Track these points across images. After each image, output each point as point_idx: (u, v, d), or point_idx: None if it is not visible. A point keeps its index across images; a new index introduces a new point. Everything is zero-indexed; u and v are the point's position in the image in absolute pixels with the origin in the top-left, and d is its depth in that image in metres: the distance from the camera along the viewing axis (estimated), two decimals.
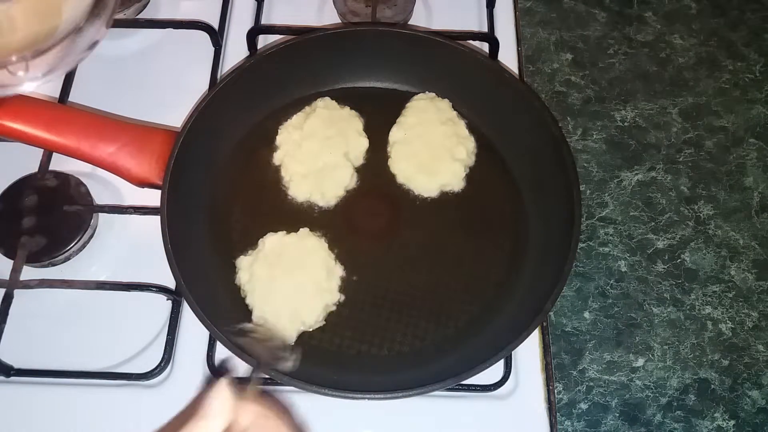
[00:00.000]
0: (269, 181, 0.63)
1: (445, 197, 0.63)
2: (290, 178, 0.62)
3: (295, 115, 0.65)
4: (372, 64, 0.67)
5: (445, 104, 0.66)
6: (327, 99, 0.66)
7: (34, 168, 0.64)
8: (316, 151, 0.63)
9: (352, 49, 0.66)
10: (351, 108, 0.66)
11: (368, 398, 0.52)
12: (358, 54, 0.66)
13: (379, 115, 0.65)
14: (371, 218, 0.63)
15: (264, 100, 0.65)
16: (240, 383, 0.41)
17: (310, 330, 0.57)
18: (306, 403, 0.54)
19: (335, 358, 0.56)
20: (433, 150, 0.64)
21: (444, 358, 0.56)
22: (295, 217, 0.62)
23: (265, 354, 0.48)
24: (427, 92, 0.66)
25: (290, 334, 0.56)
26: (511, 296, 0.59)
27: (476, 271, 0.60)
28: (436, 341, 0.57)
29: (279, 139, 0.64)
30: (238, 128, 0.64)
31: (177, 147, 0.58)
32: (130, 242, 0.64)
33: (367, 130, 0.65)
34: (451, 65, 0.65)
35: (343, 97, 0.66)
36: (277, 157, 0.64)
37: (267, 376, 0.51)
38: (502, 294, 0.59)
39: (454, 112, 0.65)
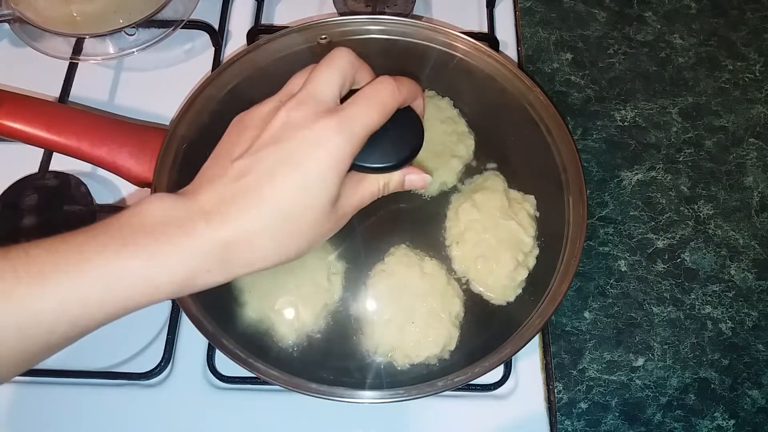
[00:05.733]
0: None
1: (445, 196, 0.63)
2: None
3: None
4: (371, 63, 0.67)
5: (445, 102, 0.66)
6: None
7: (34, 168, 0.64)
8: None
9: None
10: None
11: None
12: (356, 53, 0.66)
13: None
14: (371, 217, 0.63)
15: (258, 96, 0.65)
16: None
17: (310, 329, 0.57)
18: (305, 402, 0.54)
19: (336, 357, 0.56)
20: (433, 148, 0.64)
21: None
22: None
23: None
24: (426, 90, 0.66)
25: (290, 333, 0.56)
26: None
27: None
28: None
29: None
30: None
31: (165, 144, 0.57)
32: None
33: None
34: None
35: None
36: None
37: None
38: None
39: (455, 110, 0.65)
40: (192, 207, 0.39)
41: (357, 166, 0.44)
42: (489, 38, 0.70)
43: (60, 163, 0.63)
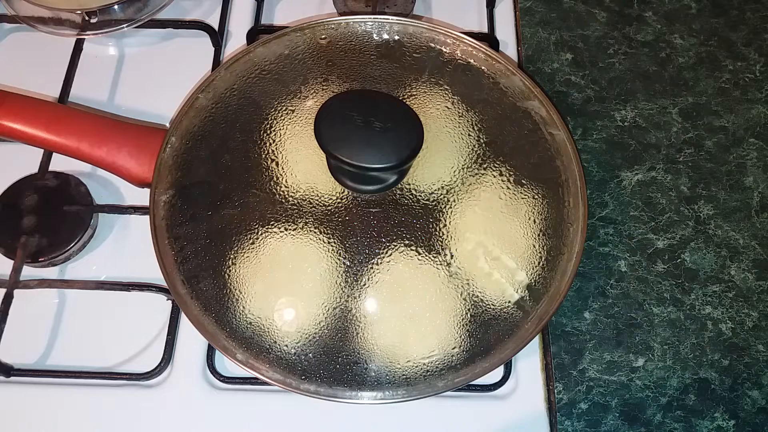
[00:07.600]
0: (266, 177, 0.63)
1: (445, 195, 0.63)
2: (287, 175, 0.62)
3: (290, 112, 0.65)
4: (370, 64, 0.67)
5: (444, 102, 0.65)
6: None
7: (34, 168, 0.64)
8: (314, 148, 0.63)
9: None
10: None
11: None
12: None
13: None
14: (370, 216, 0.63)
15: (258, 97, 0.65)
16: None
17: (310, 330, 0.57)
18: (305, 403, 0.54)
19: (336, 358, 0.56)
20: (433, 148, 0.63)
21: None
22: (294, 213, 0.62)
23: None
24: (426, 90, 0.66)
25: (290, 333, 0.56)
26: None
27: None
28: None
29: (276, 134, 0.64)
30: (233, 123, 0.65)
31: (165, 144, 0.57)
32: (130, 242, 0.64)
33: None
34: None
35: None
36: (274, 153, 0.64)
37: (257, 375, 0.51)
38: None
39: (455, 110, 0.65)
40: None
41: (357, 166, 0.44)
42: (489, 38, 0.70)
43: (60, 163, 0.63)
